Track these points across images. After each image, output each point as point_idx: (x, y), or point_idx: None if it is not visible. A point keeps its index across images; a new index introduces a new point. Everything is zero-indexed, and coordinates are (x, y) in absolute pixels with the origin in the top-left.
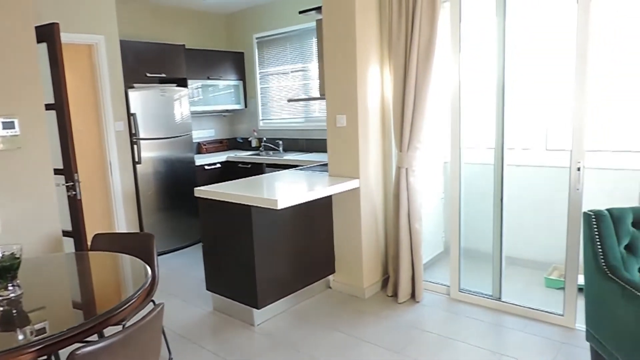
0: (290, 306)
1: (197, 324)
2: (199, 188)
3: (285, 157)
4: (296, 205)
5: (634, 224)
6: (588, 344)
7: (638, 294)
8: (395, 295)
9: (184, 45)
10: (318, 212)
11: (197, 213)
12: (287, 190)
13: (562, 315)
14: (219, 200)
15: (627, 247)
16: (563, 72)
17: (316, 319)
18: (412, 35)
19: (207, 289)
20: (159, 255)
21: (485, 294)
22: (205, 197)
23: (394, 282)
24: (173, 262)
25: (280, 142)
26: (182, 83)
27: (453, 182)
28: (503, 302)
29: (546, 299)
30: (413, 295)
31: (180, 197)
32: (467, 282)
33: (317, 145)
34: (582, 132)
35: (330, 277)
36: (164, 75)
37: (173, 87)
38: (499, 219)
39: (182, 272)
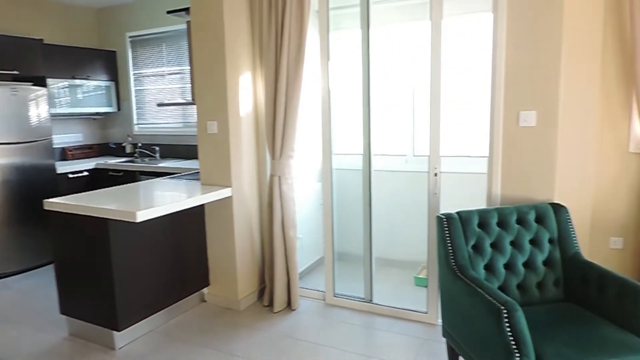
0: (159, 324)
1: (48, 352)
2: (48, 200)
3: (161, 165)
4: (163, 217)
5: (479, 225)
6: (445, 339)
7: (479, 290)
8: (271, 304)
9: (41, 40)
10: (189, 223)
11: None
12: (151, 201)
13: (426, 313)
14: (72, 214)
15: (473, 247)
16: (424, 83)
17: (186, 337)
18: (282, 41)
19: (61, 313)
20: (7, 276)
21: (358, 297)
22: (56, 210)
23: (269, 292)
24: (23, 284)
25: (157, 148)
26: (41, 82)
27: (325, 188)
28: (374, 304)
29: (416, 298)
30: (289, 303)
31: (35, 210)
32: (342, 287)
33: (195, 151)
34: (437, 140)
35: (205, 290)
36: (17, 72)
37: (28, 86)
38: (368, 223)
39: (34, 295)
